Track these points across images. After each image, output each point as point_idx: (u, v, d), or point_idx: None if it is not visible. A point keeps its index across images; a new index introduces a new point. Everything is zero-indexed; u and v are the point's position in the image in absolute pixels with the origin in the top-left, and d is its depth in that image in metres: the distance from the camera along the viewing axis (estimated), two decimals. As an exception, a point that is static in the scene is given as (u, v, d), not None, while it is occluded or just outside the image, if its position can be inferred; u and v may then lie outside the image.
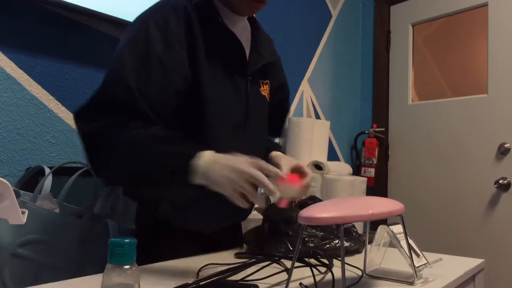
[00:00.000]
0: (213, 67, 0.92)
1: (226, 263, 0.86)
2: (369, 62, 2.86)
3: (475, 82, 2.41)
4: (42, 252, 0.94)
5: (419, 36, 2.68)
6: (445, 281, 0.75)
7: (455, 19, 2.52)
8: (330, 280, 0.72)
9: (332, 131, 2.62)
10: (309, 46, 2.49)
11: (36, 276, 0.93)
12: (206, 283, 0.66)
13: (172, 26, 0.86)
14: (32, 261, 0.93)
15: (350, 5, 2.82)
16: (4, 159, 1.27)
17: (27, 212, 0.58)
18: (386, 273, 0.77)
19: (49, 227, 0.96)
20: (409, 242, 0.74)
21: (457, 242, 2.36)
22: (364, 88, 2.88)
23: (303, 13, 2.44)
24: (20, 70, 1.31)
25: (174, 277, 0.77)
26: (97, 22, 1.46)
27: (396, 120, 2.72)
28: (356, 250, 0.97)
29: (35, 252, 0.94)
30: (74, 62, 1.44)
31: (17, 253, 0.92)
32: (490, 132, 2.28)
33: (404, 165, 2.65)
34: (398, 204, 0.70)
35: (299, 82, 2.40)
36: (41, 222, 0.95)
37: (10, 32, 1.29)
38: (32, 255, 0.93)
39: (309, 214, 0.59)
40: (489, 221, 2.26)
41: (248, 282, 0.71)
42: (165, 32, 0.85)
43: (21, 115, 1.31)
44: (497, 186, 2.22)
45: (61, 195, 1.07)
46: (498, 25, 2.29)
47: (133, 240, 0.51)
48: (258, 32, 1.07)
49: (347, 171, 2.34)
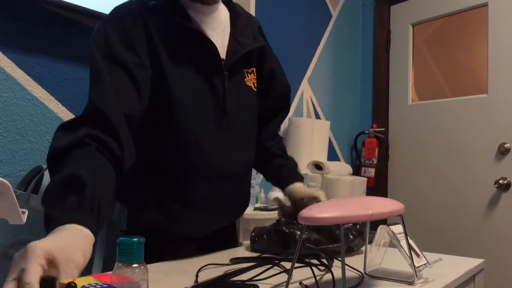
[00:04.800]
0: (179, 67, 0.88)
1: (225, 263, 0.86)
2: (369, 62, 2.86)
3: (475, 82, 2.41)
4: None
5: (419, 36, 2.68)
6: (445, 281, 0.75)
7: (455, 19, 2.52)
8: (330, 281, 0.72)
9: (332, 131, 2.62)
10: (309, 46, 2.49)
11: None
12: (207, 284, 0.66)
13: (128, 28, 0.84)
14: None
15: (350, 5, 2.82)
16: (4, 159, 1.27)
17: (27, 212, 0.58)
18: (386, 273, 0.77)
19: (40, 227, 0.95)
20: (409, 242, 0.74)
21: (457, 242, 2.36)
22: (364, 88, 2.88)
23: (303, 13, 2.44)
24: (20, 70, 1.31)
25: (173, 277, 0.77)
26: (97, 22, 1.46)
27: (396, 120, 2.72)
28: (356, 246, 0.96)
29: None
30: (74, 62, 1.44)
31: (8, 254, 0.91)
32: (490, 132, 2.28)
33: (404, 165, 2.65)
34: (398, 204, 0.70)
35: (299, 82, 2.40)
36: (33, 222, 0.94)
37: (10, 32, 1.29)
38: None
39: (309, 214, 0.59)
40: (489, 221, 2.26)
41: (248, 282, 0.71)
42: (122, 35, 0.83)
43: (21, 115, 1.31)
44: (497, 186, 2.22)
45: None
46: (498, 25, 2.29)
47: (141, 239, 0.51)
48: (237, 18, 1.00)
49: (347, 171, 2.34)
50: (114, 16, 0.87)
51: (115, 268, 0.51)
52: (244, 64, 1.00)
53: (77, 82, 1.44)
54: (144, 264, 0.52)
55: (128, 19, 0.85)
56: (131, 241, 0.51)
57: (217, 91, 0.93)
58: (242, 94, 0.99)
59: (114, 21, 0.86)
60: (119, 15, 0.87)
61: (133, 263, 0.51)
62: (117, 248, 0.51)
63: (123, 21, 0.85)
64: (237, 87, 0.98)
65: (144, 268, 0.52)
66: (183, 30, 0.89)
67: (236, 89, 0.97)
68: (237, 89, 0.97)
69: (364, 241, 0.95)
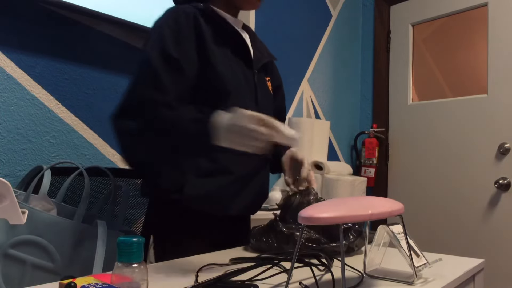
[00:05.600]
0: (223, 58, 0.99)
1: (225, 263, 0.86)
2: (369, 62, 2.86)
3: (475, 82, 2.41)
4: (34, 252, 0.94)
5: (419, 36, 2.68)
6: (445, 281, 0.75)
7: (455, 19, 2.52)
8: (330, 281, 0.72)
9: (332, 131, 2.62)
10: (309, 46, 2.49)
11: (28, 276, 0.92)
12: (207, 284, 0.66)
13: (182, 26, 0.94)
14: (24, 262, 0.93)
15: (350, 5, 2.82)
16: (4, 159, 1.28)
17: (27, 212, 0.58)
18: (386, 273, 0.77)
19: (40, 227, 0.95)
20: (409, 242, 0.74)
21: (457, 242, 2.36)
22: (364, 88, 2.88)
23: (303, 13, 2.44)
24: (20, 70, 1.31)
25: (173, 277, 0.77)
26: (97, 22, 1.47)
27: (396, 120, 2.72)
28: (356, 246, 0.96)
29: (27, 253, 0.93)
30: (74, 62, 1.44)
31: (9, 254, 0.91)
32: (490, 132, 2.28)
33: (404, 165, 2.65)
34: (398, 204, 0.70)
35: (299, 82, 2.40)
36: (33, 222, 0.95)
37: (10, 32, 1.29)
38: (24, 256, 0.93)
39: (309, 214, 0.59)
40: (489, 221, 2.26)
41: (248, 282, 0.71)
42: (177, 32, 0.93)
43: (21, 115, 1.31)
44: (497, 186, 2.22)
45: (59, 195, 1.07)
46: (498, 25, 2.29)
47: (141, 239, 0.52)
48: (254, 36, 1.16)
49: (347, 171, 2.34)
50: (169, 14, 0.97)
51: (115, 268, 0.51)
52: (264, 72, 1.13)
53: (77, 82, 1.44)
54: (144, 264, 0.52)
55: (182, 17, 0.95)
56: (131, 241, 0.51)
57: (251, 85, 1.05)
58: (267, 94, 1.12)
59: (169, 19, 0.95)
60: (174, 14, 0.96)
61: (133, 263, 0.51)
62: (117, 248, 0.51)
63: (177, 19, 0.95)
64: (264, 87, 1.10)
65: (144, 268, 0.52)
66: (224, 29, 1.02)
67: (263, 88, 1.09)
68: (263, 89, 1.10)
69: (364, 241, 0.95)
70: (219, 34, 1.00)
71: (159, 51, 0.89)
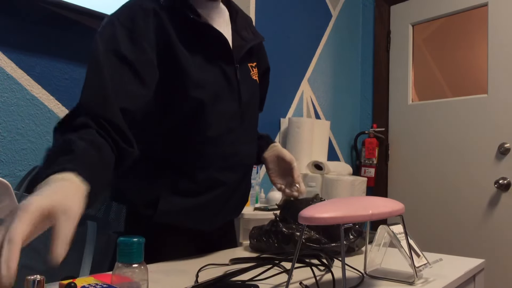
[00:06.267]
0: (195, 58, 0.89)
1: (225, 263, 0.86)
2: (369, 62, 2.86)
3: (475, 82, 2.41)
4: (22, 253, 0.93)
5: (419, 36, 2.68)
6: (445, 281, 0.75)
7: (455, 19, 2.52)
8: (330, 281, 0.72)
9: (332, 131, 2.62)
10: (309, 46, 2.49)
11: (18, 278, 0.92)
12: (207, 284, 0.66)
13: (138, 25, 0.83)
14: None
15: (350, 5, 2.82)
16: (4, 159, 1.27)
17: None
18: (386, 273, 0.77)
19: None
20: (409, 242, 0.74)
21: (457, 242, 2.36)
22: (364, 88, 2.88)
23: (303, 13, 2.44)
24: (20, 70, 1.31)
25: (173, 277, 0.76)
26: (97, 22, 1.46)
27: (396, 120, 2.72)
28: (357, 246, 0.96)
29: None
30: (74, 62, 1.44)
31: None
32: (490, 132, 2.28)
33: (404, 165, 2.65)
34: (398, 204, 0.70)
35: (299, 82, 2.40)
36: None
37: (10, 32, 1.29)
38: None
39: (309, 214, 0.59)
40: (489, 221, 2.26)
41: (248, 282, 0.71)
42: (131, 31, 0.82)
43: (21, 115, 1.31)
44: (497, 186, 2.22)
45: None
46: (498, 25, 2.29)
47: (141, 239, 0.51)
48: (237, 14, 1.03)
49: (347, 171, 2.34)
50: (123, 10, 0.87)
51: (115, 268, 0.51)
52: (248, 59, 1.02)
53: (77, 82, 1.44)
54: (144, 264, 0.52)
55: (139, 14, 0.85)
56: (131, 241, 0.51)
57: (232, 83, 0.95)
58: (251, 87, 1.01)
59: (124, 16, 0.85)
60: (129, 10, 0.86)
61: (133, 263, 0.51)
62: (117, 249, 0.51)
63: (133, 16, 0.84)
64: (247, 80, 1.00)
65: (144, 268, 0.52)
66: (195, 25, 0.90)
67: (246, 82, 0.99)
68: (247, 82, 0.99)
69: (364, 241, 0.95)
70: (188, 31, 0.89)
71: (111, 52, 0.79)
